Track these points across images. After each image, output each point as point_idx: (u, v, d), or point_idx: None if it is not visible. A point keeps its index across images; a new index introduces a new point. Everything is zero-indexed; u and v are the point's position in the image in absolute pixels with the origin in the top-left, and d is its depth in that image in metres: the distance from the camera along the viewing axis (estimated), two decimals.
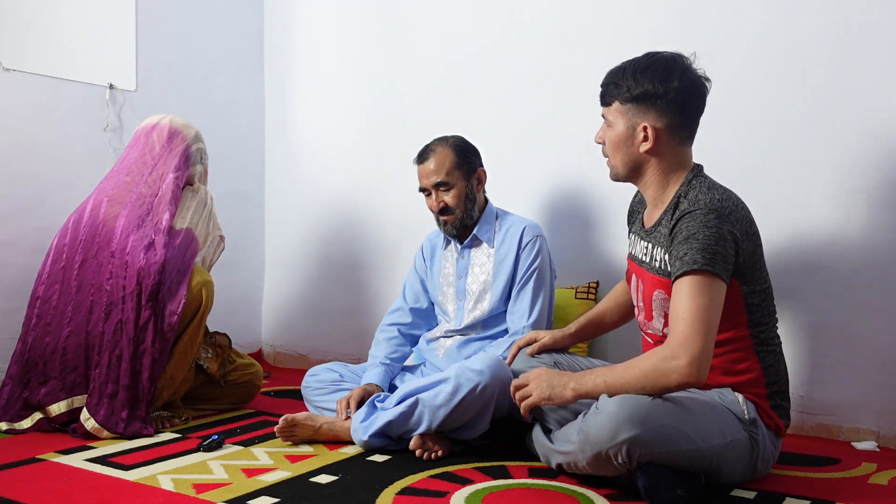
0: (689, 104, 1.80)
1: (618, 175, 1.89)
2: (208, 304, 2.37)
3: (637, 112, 1.80)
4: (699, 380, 1.63)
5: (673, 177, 1.83)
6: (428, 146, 2.38)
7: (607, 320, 2.17)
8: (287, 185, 3.46)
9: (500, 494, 1.75)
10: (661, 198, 1.85)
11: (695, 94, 1.80)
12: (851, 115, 2.26)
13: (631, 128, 1.81)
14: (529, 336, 2.12)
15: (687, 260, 1.67)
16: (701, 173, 1.84)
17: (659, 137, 1.80)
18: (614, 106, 1.83)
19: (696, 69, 1.80)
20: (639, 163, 1.84)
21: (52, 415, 2.22)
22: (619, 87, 1.81)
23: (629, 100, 1.80)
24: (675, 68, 1.78)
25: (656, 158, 1.82)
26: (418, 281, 2.53)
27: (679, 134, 1.81)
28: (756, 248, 1.79)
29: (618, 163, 1.86)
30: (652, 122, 1.79)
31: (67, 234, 2.36)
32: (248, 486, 1.78)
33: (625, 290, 2.16)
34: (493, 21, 2.90)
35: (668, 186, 1.84)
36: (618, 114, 1.83)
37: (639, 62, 1.81)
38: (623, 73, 1.81)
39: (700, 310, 1.64)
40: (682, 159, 1.84)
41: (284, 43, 3.45)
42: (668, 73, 1.77)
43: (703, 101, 1.82)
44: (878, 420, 2.25)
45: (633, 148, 1.83)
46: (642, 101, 1.79)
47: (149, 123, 2.53)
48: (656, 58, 1.80)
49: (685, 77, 1.78)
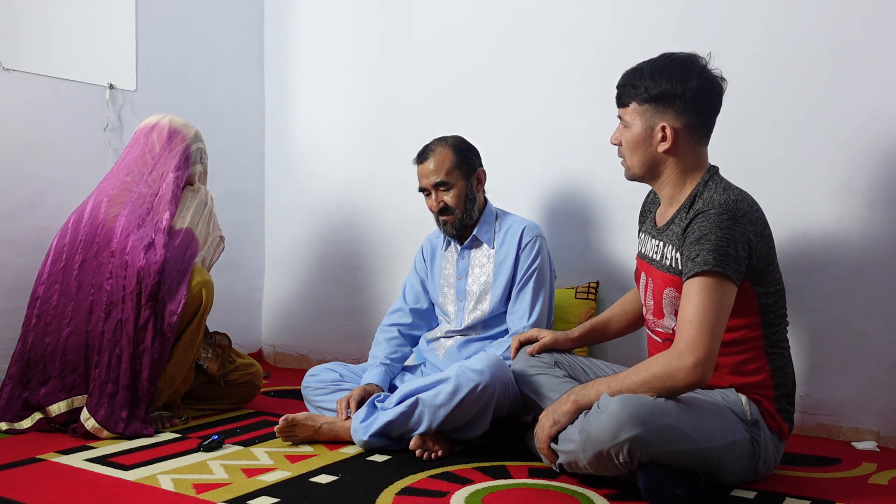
0: (707, 104, 1.80)
1: (634, 175, 1.89)
2: (208, 304, 2.37)
3: (655, 112, 1.80)
4: (704, 382, 1.64)
5: (689, 177, 1.83)
6: (427, 146, 2.38)
7: (612, 327, 2.16)
8: (287, 185, 3.46)
9: (500, 494, 1.75)
10: (676, 196, 1.85)
11: (712, 94, 1.80)
12: (852, 115, 2.26)
13: (649, 128, 1.81)
14: (531, 333, 2.12)
15: (698, 261, 1.67)
16: (717, 174, 1.84)
17: (677, 137, 1.80)
18: (632, 106, 1.83)
19: (713, 69, 1.80)
20: (656, 163, 1.84)
21: (52, 415, 2.22)
22: (637, 87, 1.81)
23: (647, 100, 1.80)
24: (692, 68, 1.78)
25: (674, 158, 1.82)
26: (418, 281, 2.53)
27: (696, 133, 1.81)
28: (770, 250, 1.79)
29: (635, 163, 1.86)
30: (670, 121, 1.79)
31: (67, 234, 2.36)
32: (248, 486, 1.77)
33: (633, 298, 2.15)
34: (493, 20, 2.90)
35: (684, 186, 1.84)
36: (635, 114, 1.83)
37: (655, 63, 1.81)
38: (640, 74, 1.81)
39: (708, 312, 1.64)
40: (699, 159, 1.84)
41: (284, 43, 3.45)
42: (686, 73, 1.77)
43: (719, 101, 1.82)
44: (878, 420, 2.24)
45: (650, 148, 1.82)
46: (660, 101, 1.78)
47: (148, 123, 2.53)
48: (673, 58, 1.80)
49: (703, 77, 1.78)
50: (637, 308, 2.13)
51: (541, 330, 2.13)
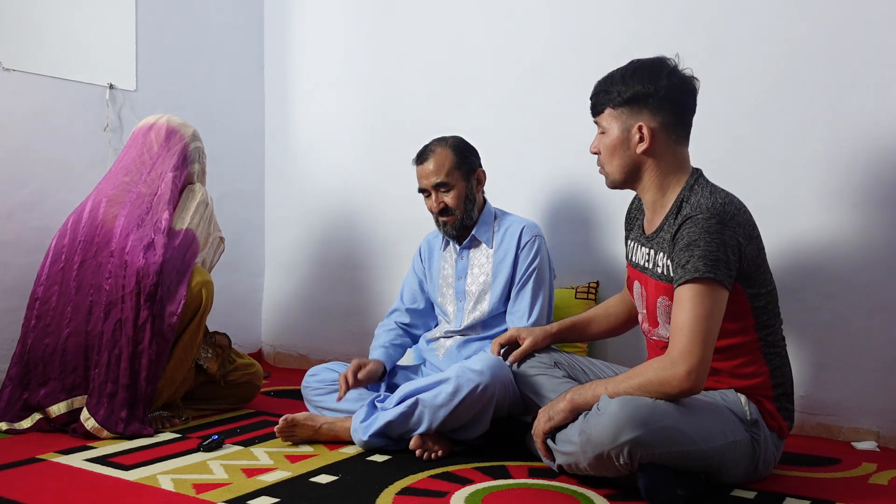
0: (681, 101, 1.81)
1: (615, 182, 1.89)
2: (208, 305, 2.37)
3: (630, 114, 1.81)
4: (697, 389, 1.65)
5: (672, 179, 1.83)
6: (427, 147, 2.37)
7: (593, 329, 2.17)
8: (287, 186, 3.46)
9: (500, 494, 1.75)
10: (660, 202, 1.85)
11: (685, 92, 1.81)
12: (851, 115, 2.26)
13: (626, 130, 1.82)
14: (511, 334, 2.11)
15: (689, 268, 1.67)
16: (702, 177, 1.84)
17: (654, 137, 1.80)
18: (606, 112, 1.84)
19: (683, 69, 1.81)
20: (636, 165, 1.84)
21: (52, 416, 2.22)
22: (610, 93, 1.83)
23: (621, 103, 1.81)
24: (662, 68, 1.80)
25: (653, 160, 1.82)
26: (416, 281, 2.53)
27: (674, 132, 1.82)
28: (759, 252, 1.79)
29: (614, 169, 1.86)
30: (646, 121, 1.79)
31: (66, 234, 2.36)
32: (248, 486, 1.77)
33: (619, 302, 2.16)
34: (494, 20, 2.90)
35: (667, 190, 1.83)
36: (611, 119, 1.84)
37: (626, 68, 1.84)
38: (612, 80, 1.84)
39: (701, 319, 1.64)
40: (680, 161, 1.84)
41: (284, 43, 3.45)
42: (656, 73, 1.79)
43: (693, 99, 1.83)
44: (878, 420, 2.25)
45: (629, 150, 1.83)
46: (634, 102, 1.79)
47: (146, 123, 2.53)
48: (643, 61, 1.83)
49: (674, 75, 1.80)
50: (621, 313, 2.14)
51: (520, 330, 2.11)
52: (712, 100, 2.10)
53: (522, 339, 2.08)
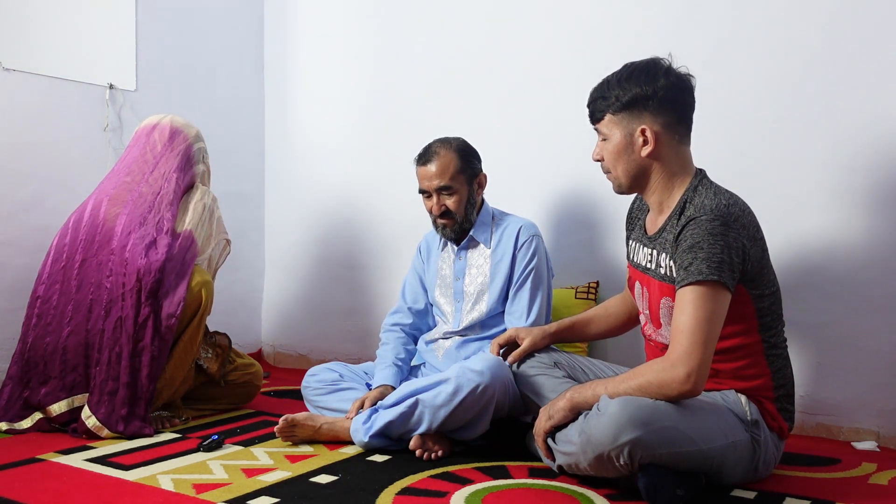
0: (681, 99, 1.80)
1: (622, 187, 1.88)
2: (208, 305, 2.37)
3: (631, 118, 1.80)
4: (697, 392, 1.65)
5: (677, 180, 1.83)
6: (430, 147, 2.35)
7: (593, 329, 2.16)
8: (287, 186, 3.46)
9: (500, 494, 1.75)
10: (665, 202, 1.84)
11: (684, 90, 1.80)
12: (851, 116, 2.26)
13: (629, 135, 1.81)
14: (510, 334, 2.11)
15: (692, 270, 1.66)
16: (706, 178, 1.83)
17: (658, 138, 1.79)
18: (606, 118, 1.83)
19: (678, 67, 1.81)
20: (642, 169, 1.83)
21: (53, 415, 2.22)
22: (608, 98, 1.82)
23: (621, 108, 1.80)
24: (658, 69, 1.79)
25: (658, 162, 1.82)
26: (417, 281, 2.53)
27: (677, 133, 1.81)
28: (763, 253, 1.78)
29: (620, 173, 1.85)
30: (648, 123, 1.79)
31: (67, 233, 2.36)
32: (248, 486, 1.77)
33: (619, 302, 2.16)
34: (494, 20, 2.90)
35: (672, 190, 1.83)
36: (612, 125, 1.83)
37: (620, 72, 1.83)
38: (608, 85, 1.82)
39: (701, 322, 1.63)
40: (684, 161, 1.84)
41: (284, 43, 3.45)
42: (653, 74, 1.78)
43: (692, 96, 1.83)
44: (878, 420, 2.25)
45: (634, 155, 1.82)
46: (634, 105, 1.79)
47: (149, 123, 2.53)
48: (637, 64, 1.82)
49: (670, 74, 1.79)
50: (621, 313, 2.13)
51: (519, 330, 2.11)
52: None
53: (521, 339, 2.07)
